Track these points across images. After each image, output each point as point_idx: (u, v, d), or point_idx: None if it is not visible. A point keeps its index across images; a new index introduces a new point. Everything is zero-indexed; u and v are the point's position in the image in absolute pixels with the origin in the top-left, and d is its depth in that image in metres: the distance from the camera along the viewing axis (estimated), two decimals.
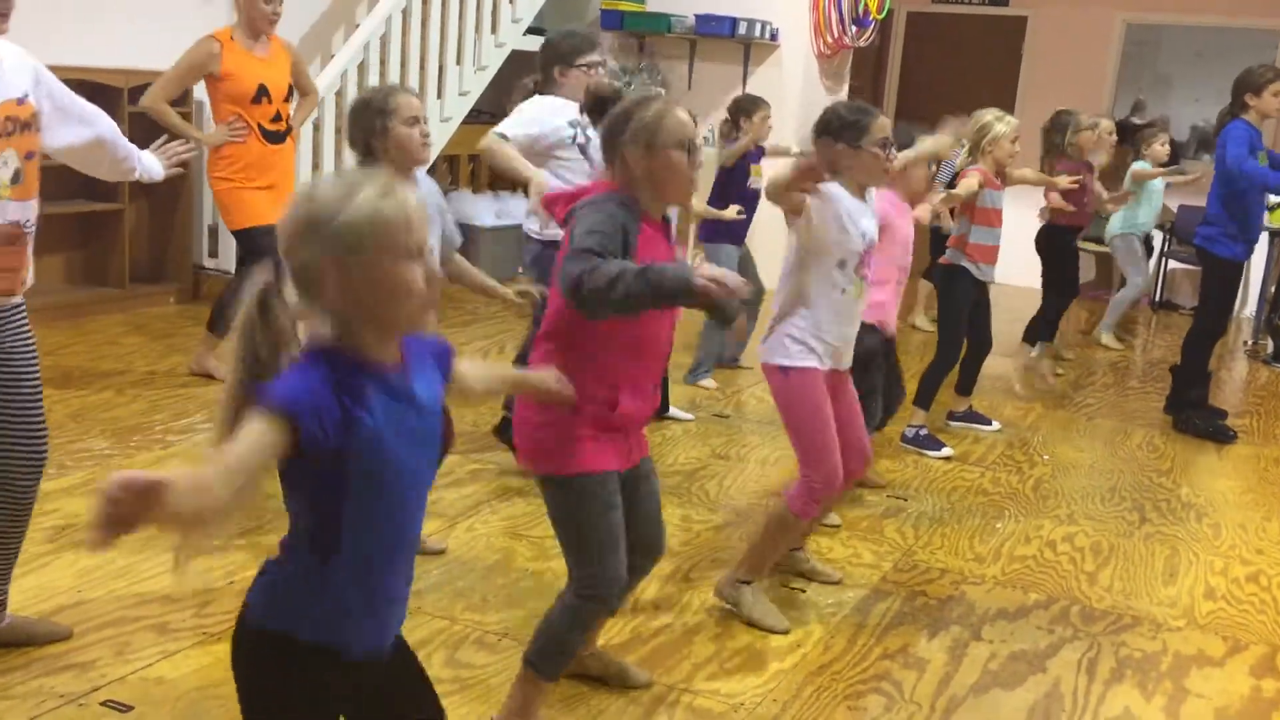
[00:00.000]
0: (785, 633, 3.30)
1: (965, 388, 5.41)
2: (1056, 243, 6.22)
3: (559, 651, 2.60)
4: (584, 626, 2.62)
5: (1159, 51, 9.35)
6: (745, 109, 5.89)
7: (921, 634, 3.38)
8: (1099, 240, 7.97)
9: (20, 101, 2.59)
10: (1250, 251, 5.56)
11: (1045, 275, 6.35)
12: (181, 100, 5.82)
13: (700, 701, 2.91)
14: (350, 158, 3.42)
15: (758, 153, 5.79)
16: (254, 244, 4.85)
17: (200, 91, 5.43)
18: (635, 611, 3.34)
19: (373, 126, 3.18)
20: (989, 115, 4.96)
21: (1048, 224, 6.17)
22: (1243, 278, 6.16)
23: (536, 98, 4.26)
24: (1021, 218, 6.07)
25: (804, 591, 3.58)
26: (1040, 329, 6.42)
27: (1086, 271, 7.96)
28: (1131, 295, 7.56)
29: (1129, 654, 3.36)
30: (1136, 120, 9.32)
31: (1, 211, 2.57)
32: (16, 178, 2.59)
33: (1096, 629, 3.50)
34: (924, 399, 5.07)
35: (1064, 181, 5.74)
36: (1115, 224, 7.38)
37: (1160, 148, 7.13)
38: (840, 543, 3.99)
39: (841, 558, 3.86)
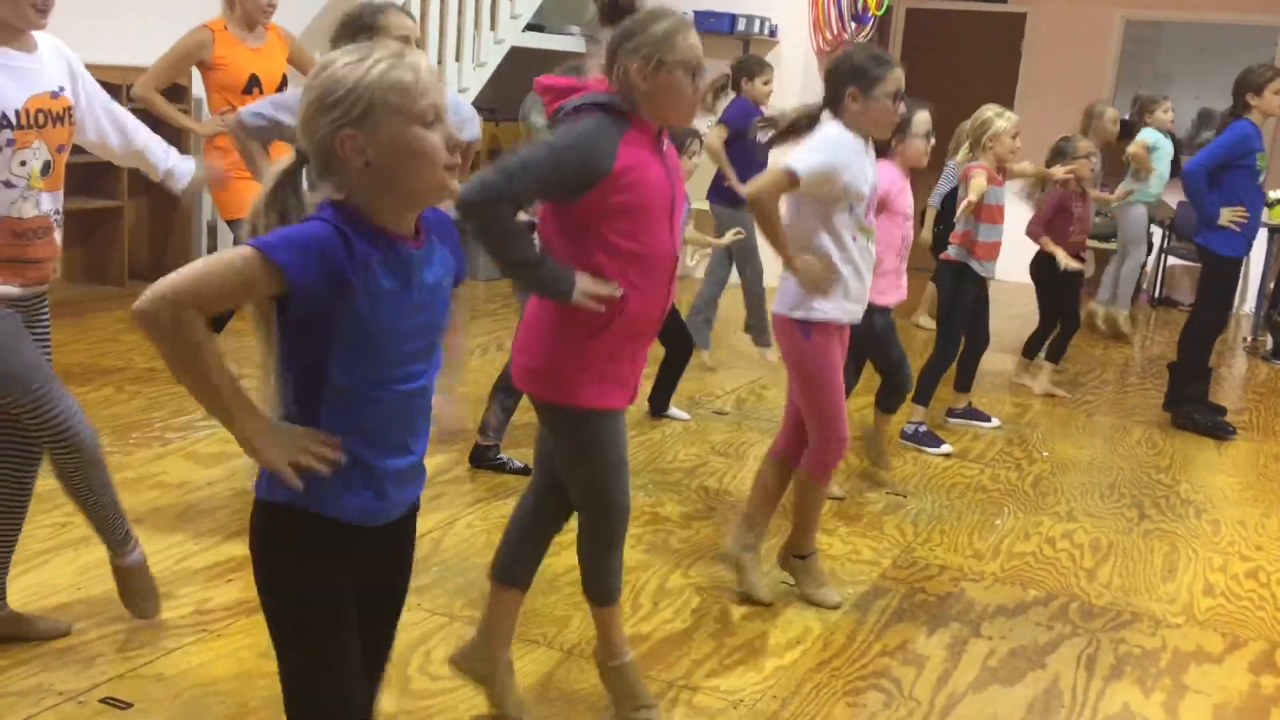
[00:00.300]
0: (837, 607, 3.41)
1: (964, 384, 5.41)
2: (1048, 274, 5.87)
3: (604, 575, 2.63)
4: (612, 544, 2.61)
5: (1159, 48, 9.34)
6: (748, 70, 5.83)
7: (921, 630, 3.38)
8: (1100, 237, 7.95)
9: (55, 95, 2.64)
10: (1249, 247, 5.56)
11: (1043, 302, 6.02)
12: (182, 97, 5.82)
13: (700, 698, 2.91)
14: None
15: (758, 110, 5.79)
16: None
17: (200, 89, 5.43)
18: (635, 608, 3.34)
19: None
20: (989, 111, 4.96)
21: (1041, 253, 5.85)
22: (1242, 274, 6.13)
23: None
24: (1025, 214, 6.02)
25: None
26: (1048, 351, 6.10)
27: (1087, 268, 7.91)
28: (1136, 266, 7.50)
29: (1128, 650, 3.36)
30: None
31: (36, 202, 2.62)
32: (46, 169, 2.64)
33: (1096, 625, 3.51)
34: (923, 395, 5.07)
35: (1059, 172, 5.63)
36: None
37: (1164, 115, 7.09)
38: (840, 539, 3.99)
39: (841, 554, 3.87)
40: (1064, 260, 5.55)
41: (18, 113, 2.54)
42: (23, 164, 2.56)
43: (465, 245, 1.87)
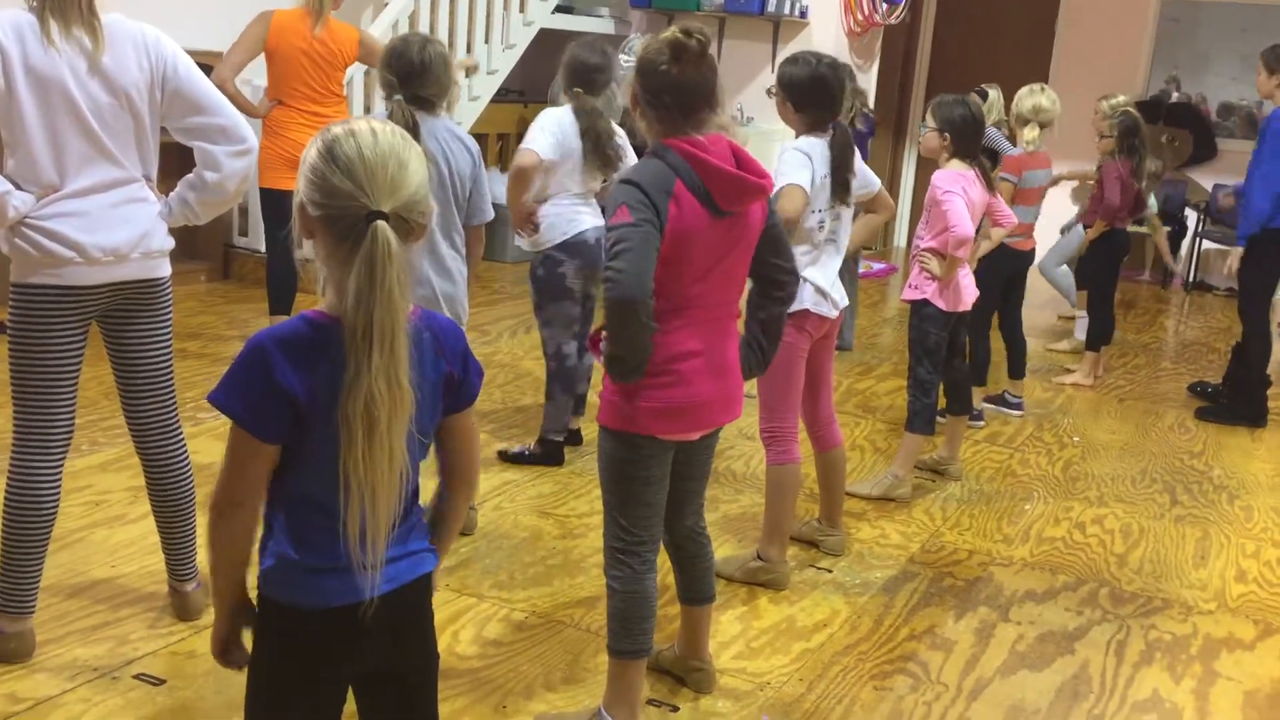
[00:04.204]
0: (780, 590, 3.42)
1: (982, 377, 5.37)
2: (1104, 258, 5.79)
3: (617, 626, 2.58)
4: (629, 591, 2.58)
5: (1196, 28, 9.21)
6: None
7: (949, 615, 3.37)
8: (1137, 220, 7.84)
9: None
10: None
11: (1102, 288, 5.90)
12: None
13: (727, 680, 2.91)
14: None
15: None
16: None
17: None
18: (661, 590, 3.34)
19: (449, 81, 3.26)
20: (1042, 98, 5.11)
21: (1105, 233, 5.65)
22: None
23: None
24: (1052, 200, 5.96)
25: (830, 571, 3.58)
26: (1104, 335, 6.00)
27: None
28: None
29: (1158, 636, 3.34)
30: (1173, 94, 9.20)
31: None
32: None
33: (1126, 611, 3.48)
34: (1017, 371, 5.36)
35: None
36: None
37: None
38: (868, 523, 3.98)
39: (868, 538, 3.86)
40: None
41: None
42: None
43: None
